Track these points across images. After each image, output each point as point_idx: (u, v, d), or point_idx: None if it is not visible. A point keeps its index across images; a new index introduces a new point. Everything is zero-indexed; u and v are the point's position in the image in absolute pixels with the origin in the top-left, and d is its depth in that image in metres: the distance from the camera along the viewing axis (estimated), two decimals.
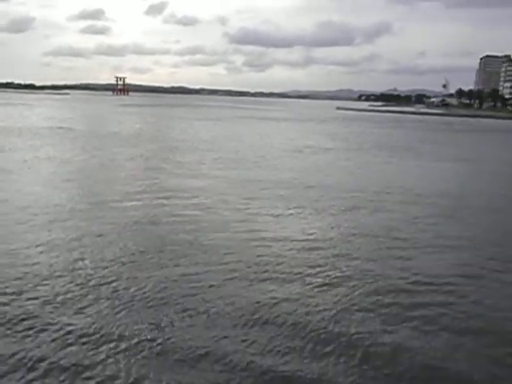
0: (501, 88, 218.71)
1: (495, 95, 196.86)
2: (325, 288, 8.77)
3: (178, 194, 16.67)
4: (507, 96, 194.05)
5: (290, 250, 10.94)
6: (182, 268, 9.47)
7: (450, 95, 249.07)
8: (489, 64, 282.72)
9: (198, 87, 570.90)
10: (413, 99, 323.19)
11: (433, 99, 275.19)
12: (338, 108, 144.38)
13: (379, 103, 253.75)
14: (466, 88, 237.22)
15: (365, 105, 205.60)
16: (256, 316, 7.50)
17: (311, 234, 12.36)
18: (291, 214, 14.40)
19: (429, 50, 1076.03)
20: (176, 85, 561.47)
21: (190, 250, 10.56)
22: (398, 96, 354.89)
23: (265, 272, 9.45)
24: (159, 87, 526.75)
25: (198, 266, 9.62)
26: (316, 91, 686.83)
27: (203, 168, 22.96)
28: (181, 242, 11.17)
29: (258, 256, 10.40)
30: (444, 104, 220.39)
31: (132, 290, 8.32)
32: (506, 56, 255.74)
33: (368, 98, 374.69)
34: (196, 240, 11.35)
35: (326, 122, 77.34)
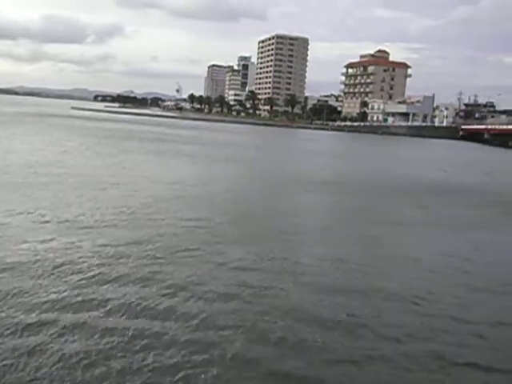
0: (226, 95, 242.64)
1: (222, 101, 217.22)
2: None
3: None
4: (232, 102, 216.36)
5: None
6: None
7: (184, 99, 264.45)
8: (215, 72, 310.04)
9: None
10: (149, 102, 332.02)
11: (167, 102, 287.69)
12: (73, 108, 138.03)
13: (116, 104, 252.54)
14: (197, 93, 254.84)
15: (101, 105, 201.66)
16: None
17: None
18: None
19: (161, 55, 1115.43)
20: None
21: None
22: (135, 98, 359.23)
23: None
24: None
25: None
26: (48, 89, 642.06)
27: None
28: None
29: None
30: (178, 108, 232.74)
31: None
32: (229, 66, 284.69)
33: (104, 98, 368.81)
34: None
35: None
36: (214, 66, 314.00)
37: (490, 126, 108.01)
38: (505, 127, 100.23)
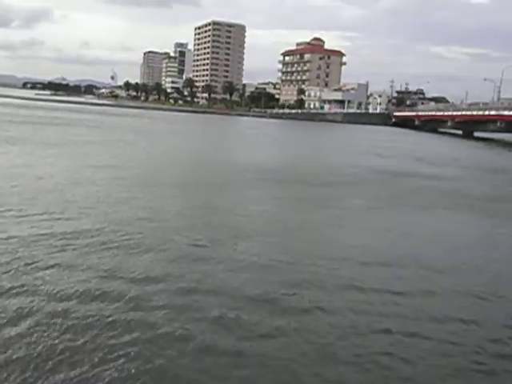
0: (163, 82, 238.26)
1: (159, 89, 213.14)
2: None
3: None
4: (169, 90, 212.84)
5: None
6: None
7: (119, 87, 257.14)
8: (151, 59, 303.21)
9: None
10: (83, 89, 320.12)
11: (102, 90, 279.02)
12: None
13: (47, 92, 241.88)
14: (133, 81, 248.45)
15: (31, 93, 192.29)
16: None
17: None
18: None
19: (93, 41, 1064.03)
20: None
21: None
22: (67, 85, 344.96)
23: None
24: None
25: None
26: None
27: None
28: None
29: None
30: (114, 95, 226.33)
31: None
32: (165, 53, 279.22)
33: (34, 86, 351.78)
34: None
35: None
36: (149, 52, 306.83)
37: (420, 113, 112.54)
38: (433, 113, 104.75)
